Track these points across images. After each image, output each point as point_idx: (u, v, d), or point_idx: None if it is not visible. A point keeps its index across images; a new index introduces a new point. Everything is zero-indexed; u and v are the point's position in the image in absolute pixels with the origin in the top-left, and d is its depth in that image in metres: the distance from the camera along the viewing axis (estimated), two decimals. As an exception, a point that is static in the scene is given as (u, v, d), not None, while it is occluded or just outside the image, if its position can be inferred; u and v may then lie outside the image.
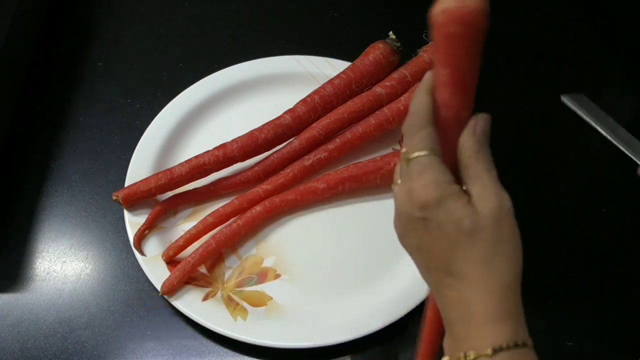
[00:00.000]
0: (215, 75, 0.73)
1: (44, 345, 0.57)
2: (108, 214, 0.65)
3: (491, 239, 0.35)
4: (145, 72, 0.77)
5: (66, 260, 0.63)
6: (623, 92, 0.80)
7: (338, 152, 0.66)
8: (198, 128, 0.70)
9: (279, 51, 0.75)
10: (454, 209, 0.35)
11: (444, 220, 0.35)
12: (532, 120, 0.74)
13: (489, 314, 0.35)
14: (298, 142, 0.66)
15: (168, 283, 0.58)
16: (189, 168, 0.63)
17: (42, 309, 0.60)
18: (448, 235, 0.36)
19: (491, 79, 0.78)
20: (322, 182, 0.64)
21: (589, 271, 0.63)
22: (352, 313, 0.58)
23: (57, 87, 0.75)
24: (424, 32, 0.72)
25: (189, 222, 0.63)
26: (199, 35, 0.80)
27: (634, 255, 0.64)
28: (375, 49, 0.70)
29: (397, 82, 0.68)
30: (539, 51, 0.81)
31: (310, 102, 0.67)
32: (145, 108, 0.72)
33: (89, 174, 0.68)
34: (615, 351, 0.58)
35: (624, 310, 0.61)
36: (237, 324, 0.56)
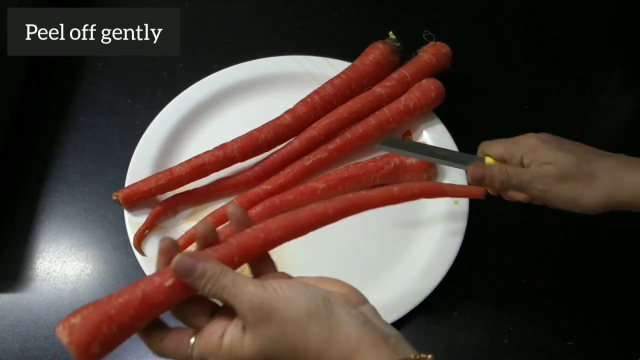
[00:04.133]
0: (215, 75, 0.73)
1: (44, 345, 0.57)
2: (108, 214, 0.65)
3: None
4: (145, 72, 0.77)
5: (66, 260, 0.63)
6: (623, 92, 0.80)
7: (338, 152, 0.66)
8: (198, 128, 0.70)
9: (279, 51, 0.75)
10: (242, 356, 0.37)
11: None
12: (533, 120, 0.74)
13: None
14: (298, 142, 0.66)
15: (168, 283, 0.57)
16: (189, 168, 0.63)
17: (42, 309, 0.60)
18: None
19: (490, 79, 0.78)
20: (322, 182, 0.64)
21: (589, 271, 0.63)
22: (352, 313, 0.58)
23: (57, 87, 0.75)
24: (424, 32, 0.72)
25: (189, 222, 0.63)
26: (199, 35, 0.80)
27: (634, 255, 0.64)
28: (375, 49, 0.70)
29: (397, 82, 0.68)
30: (539, 51, 0.81)
31: (310, 102, 0.67)
32: (145, 108, 0.72)
33: (89, 174, 0.68)
34: (616, 351, 0.58)
35: (624, 310, 0.61)
36: (237, 324, 0.56)
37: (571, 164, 0.48)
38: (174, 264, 0.37)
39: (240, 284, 0.37)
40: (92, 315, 0.36)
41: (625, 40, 0.82)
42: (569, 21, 0.84)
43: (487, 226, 0.64)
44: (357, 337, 0.36)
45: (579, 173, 0.48)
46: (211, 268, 0.37)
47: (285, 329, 0.36)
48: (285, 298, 0.36)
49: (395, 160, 0.64)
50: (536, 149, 0.50)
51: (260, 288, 0.37)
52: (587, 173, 0.48)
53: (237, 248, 0.40)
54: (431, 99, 0.67)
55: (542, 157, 0.50)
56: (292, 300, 0.36)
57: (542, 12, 0.85)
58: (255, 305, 0.36)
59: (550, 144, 0.51)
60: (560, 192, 0.49)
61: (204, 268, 0.37)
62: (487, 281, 0.62)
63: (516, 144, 0.52)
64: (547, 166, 0.49)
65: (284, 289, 0.37)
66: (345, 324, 0.36)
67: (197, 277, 0.37)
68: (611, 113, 0.77)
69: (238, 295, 0.37)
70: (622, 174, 0.48)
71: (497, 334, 0.59)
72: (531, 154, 0.51)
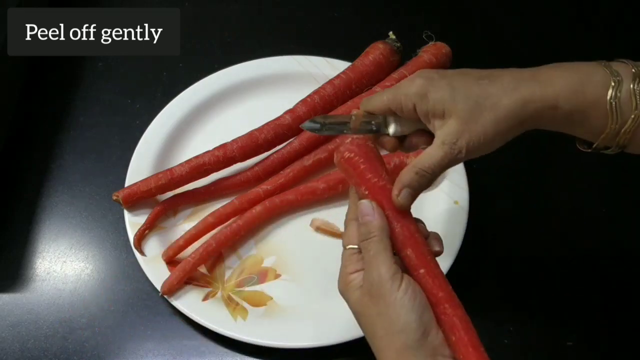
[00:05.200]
0: (215, 75, 0.73)
1: (44, 345, 0.57)
2: (108, 214, 0.65)
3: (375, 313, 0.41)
4: (145, 72, 0.77)
5: (66, 260, 0.63)
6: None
7: (338, 152, 0.66)
8: (198, 128, 0.70)
9: (279, 51, 0.75)
10: (349, 298, 0.43)
11: (348, 302, 0.44)
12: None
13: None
14: (298, 142, 0.66)
15: (168, 283, 0.58)
16: (189, 168, 0.63)
17: (42, 309, 0.60)
18: (355, 314, 0.43)
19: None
20: (322, 182, 0.64)
21: (589, 271, 0.63)
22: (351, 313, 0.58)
23: (57, 87, 0.75)
24: (424, 32, 0.72)
25: (189, 222, 0.63)
26: (199, 35, 0.80)
27: (634, 255, 0.64)
28: (375, 49, 0.70)
29: (397, 82, 0.68)
30: (538, 51, 0.81)
31: (310, 102, 0.67)
32: (145, 108, 0.72)
33: (89, 174, 0.68)
34: (616, 351, 0.58)
35: (624, 310, 0.61)
36: (237, 324, 0.57)
37: (471, 111, 0.42)
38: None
39: (379, 259, 0.41)
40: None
41: (626, 40, 0.82)
42: (569, 21, 0.84)
43: (487, 226, 0.64)
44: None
45: (482, 113, 0.42)
46: (375, 225, 0.42)
47: (379, 318, 0.40)
48: (399, 300, 0.40)
49: (395, 160, 0.64)
50: (426, 94, 0.43)
51: (388, 275, 0.40)
52: (492, 109, 0.42)
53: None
54: (431, 99, 0.67)
55: (437, 106, 0.43)
56: (403, 307, 0.40)
57: (542, 12, 0.85)
58: (373, 282, 0.41)
59: (437, 82, 0.44)
60: (476, 144, 0.43)
61: (370, 223, 0.43)
62: (487, 280, 0.62)
63: (402, 90, 0.45)
64: (449, 127, 0.43)
65: (407, 292, 0.40)
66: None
67: (362, 223, 0.43)
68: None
69: (371, 264, 0.41)
70: (522, 90, 0.42)
71: (497, 334, 0.59)
72: (423, 101, 0.44)
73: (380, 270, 0.41)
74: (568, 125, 0.44)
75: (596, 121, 0.42)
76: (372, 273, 0.41)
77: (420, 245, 0.43)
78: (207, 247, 0.60)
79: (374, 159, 0.45)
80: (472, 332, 0.40)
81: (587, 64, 0.44)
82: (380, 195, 0.44)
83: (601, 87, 0.42)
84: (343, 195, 0.65)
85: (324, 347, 0.55)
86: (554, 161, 0.71)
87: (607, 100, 0.41)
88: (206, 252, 0.60)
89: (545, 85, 0.42)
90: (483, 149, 0.43)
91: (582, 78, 0.42)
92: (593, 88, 0.42)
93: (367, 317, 0.42)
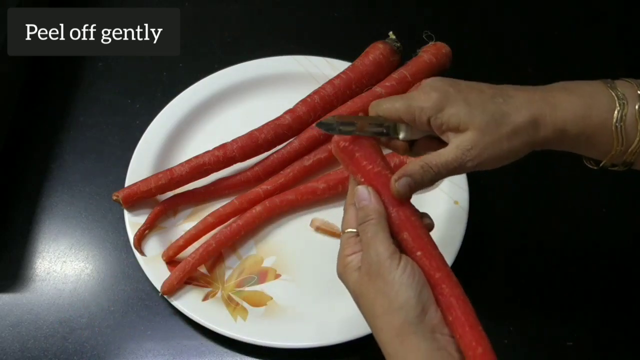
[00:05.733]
0: (215, 75, 0.73)
1: (44, 345, 0.57)
2: (108, 214, 0.65)
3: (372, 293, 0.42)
4: (145, 72, 0.77)
5: (66, 260, 0.63)
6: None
7: (338, 152, 0.66)
8: (198, 128, 0.70)
9: (279, 51, 0.75)
10: (348, 280, 0.44)
11: (347, 284, 0.45)
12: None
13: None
14: (298, 142, 0.66)
15: (168, 283, 0.58)
16: (189, 168, 0.63)
17: (42, 309, 0.60)
18: (354, 295, 0.44)
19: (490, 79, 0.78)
20: (322, 182, 0.64)
21: (589, 271, 0.63)
22: (352, 313, 0.57)
23: (57, 87, 0.75)
24: (424, 32, 0.72)
25: (189, 222, 0.63)
26: (199, 35, 0.80)
27: (634, 255, 0.64)
28: (375, 49, 0.70)
29: (397, 82, 0.68)
30: (538, 51, 0.81)
31: (310, 102, 0.67)
32: (145, 108, 0.72)
33: (89, 174, 0.68)
34: (616, 351, 0.58)
35: (624, 310, 0.61)
36: (237, 324, 0.57)
37: (488, 124, 0.43)
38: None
39: (377, 239, 0.42)
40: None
41: (626, 40, 0.82)
42: (569, 21, 0.84)
43: (487, 226, 0.64)
44: (426, 354, 0.39)
45: (499, 127, 0.43)
46: (372, 209, 0.43)
47: (377, 298, 0.41)
48: (398, 278, 0.40)
49: (395, 160, 0.64)
50: (442, 108, 0.44)
51: (387, 254, 0.41)
52: (508, 126, 0.43)
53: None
54: (431, 99, 0.67)
55: (453, 120, 0.44)
56: (401, 285, 0.40)
57: (542, 12, 0.85)
58: (372, 262, 0.41)
59: (454, 96, 0.44)
60: (489, 155, 0.43)
61: (367, 207, 0.43)
62: (487, 281, 0.62)
63: (417, 103, 0.45)
64: (465, 135, 0.43)
65: (406, 270, 0.41)
66: (423, 338, 0.39)
67: (359, 208, 0.44)
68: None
69: (369, 245, 0.42)
70: (534, 112, 0.44)
71: (497, 334, 0.59)
72: (438, 115, 0.44)
73: (379, 249, 0.41)
74: (575, 147, 0.45)
75: (603, 143, 0.44)
76: (371, 253, 0.42)
77: (416, 228, 0.43)
78: (207, 247, 0.60)
79: (369, 146, 0.46)
80: (470, 311, 0.41)
81: (593, 85, 0.45)
82: (376, 181, 0.45)
83: (607, 110, 0.43)
84: (343, 196, 0.65)
85: (323, 347, 0.55)
86: (554, 161, 0.71)
87: (613, 123, 0.43)
88: (206, 252, 0.60)
89: (554, 108, 0.44)
90: (492, 162, 0.44)
91: (588, 102, 0.44)
92: (599, 112, 0.43)
93: (366, 297, 0.42)
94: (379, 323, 0.41)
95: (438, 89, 0.45)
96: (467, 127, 0.43)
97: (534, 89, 0.46)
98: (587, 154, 0.46)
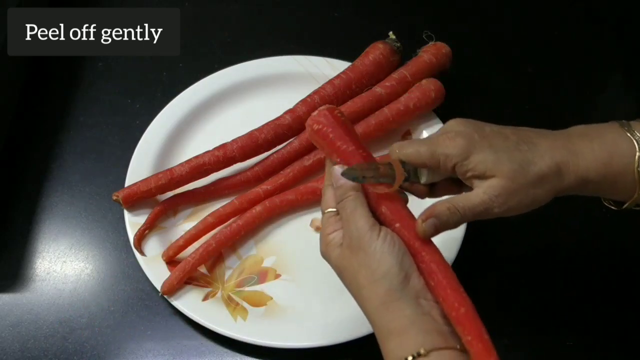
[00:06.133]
0: (215, 75, 0.73)
1: (44, 345, 0.58)
2: (108, 214, 0.65)
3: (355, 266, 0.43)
4: (145, 72, 0.77)
5: (66, 260, 0.63)
6: (623, 92, 0.80)
7: (338, 152, 0.66)
8: (198, 128, 0.70)
9: (279, 51, 0.75)
10: (331, 257, 0.45)
11: (330, 261, 0.46)
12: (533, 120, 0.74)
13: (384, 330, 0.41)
14: (298, 142, 0.66)
15: (168, 283, 0.58)
16: (189, 168, 0.63)
17: (42, 309, 0.60)
18: (338, 271, 0.45)
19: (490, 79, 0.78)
20: (322, 182, 0.64)
21: (589, 271, 0.63)
22: (352, 313, 0.58)
23: (57, 87, 0.75)
24: (424, 32, 0.72)
25: (189, 222, 0.63)
26: (199, 35, 0.80)
27: (634, 255, 0.64)
28: (375, 49, 0.70)
29: (397, 82, 0.68)
30: (538, 51, 0.81)
31: (310, 102, 0.67)
32: (145, 108, 0.72)
33: (89, 174, 0.68)
34: (615, 351, 0.58)
35: (624, 310, 0.61)
36: (237, 324, 0.57)
37: (516, 173, 0.44)
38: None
39: (356, 214, 0.43)
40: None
41: (626, 40, 0.82)
42: (569, 21, 0.84)
43: (487, 226, 0.64)
44: (411, 318, 0.40)
45: (525, 175, 0.44)
46: (349, 186, 0.44)
47: (361, 269, 0.42)
48: (379, 248, 0.42)
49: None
50: (468, 155, 0.44)
51: (367, 227, 0.42)
52: (534, 174, 0.44)
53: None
54: (431, 99, 0.67)
55: (480, 167, 0.44)
56: (383, 254, 0.41)
57: (542, 12, 0.85)
58: (353, 236, 0.43)
59: (479, 143, 0.45)
60: (515, 203, 0.44)
61: (344, 185, 0.45)
62: (487, 281, 0.62)
63: (442, 150, 0.45)
64: (493, 182, 0.44)
65: (386, 240, 0.42)
66: (408, 304, 0.41)
67: (337, 187, 0.45)
68: (611, 113, 0.77)
69: (349, 220, 0.43)
70: (558, 160, 0.44)
71: (498, 333, 0.58)
72: (464, 162, 0.44)
73: (359, 223, 0.43)
74: (597, 192, 0.47)
75: (625, 187, 0.45)
76: (351, 228, 0.43)
77: (394, 202, 0.45)
78: (207, 247, 0.60)
79: (342, 126, 0.47)
80: (451, 275, 0.42)
81: (612, 131, 0.46)
82: (352, 160, 0.46)
83: (628, 156, 0.44)
84: (343, 195, 0.65)
85: (323, 347, 0.55)
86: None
87: (635, 168, 0.44)
88: (206, 252, 0.60)
89: (576, 156, 0.45)
90: (518, 209, 0.45)
91: (609, 149, 0.45)
92: (620, 158, 0.45)
93: (350, 271, 0.43)
94: (364, 293, 0.42)
95: (463, 134, 0.45)
96: (494, 175, 0.44)
97: (554, 135, 0.47)
98: (609, 197, 0.48)
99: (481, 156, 0.44)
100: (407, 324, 0.40)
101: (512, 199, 0.44)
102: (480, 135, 0.45)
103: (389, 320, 0.41)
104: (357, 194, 0.44)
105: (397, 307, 0.41)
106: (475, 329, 0.40)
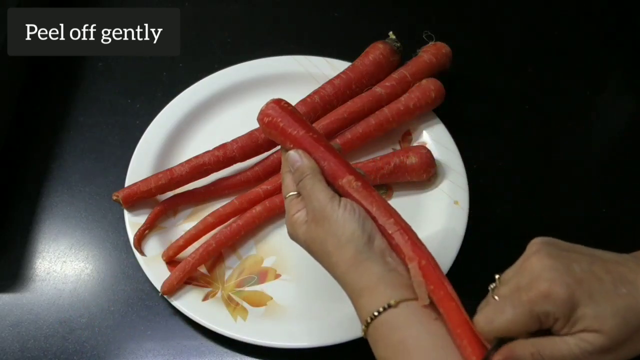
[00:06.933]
0: (215, 75, 0.73)
1: (44, 345, 0.58)
2: (108, 214, 0.65)
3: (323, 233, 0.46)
4: (145, 72, 0.77)
5: (66, 260, 0.63)
6: (623, 92, 0.80)
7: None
8: (198, 128, 0.70)
9: (279, 51, 0.75)
10: (298, 235, 0.48)
11: (298, 239, 0.48)
12: (533, 120, 0.74)
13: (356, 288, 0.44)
14: (298, 142, 0.66)
15: (168, 283, 0.58)
16: (189, 168, 0.63)
17: (42, 309, 0.60)
18: (306, 246, 0.48)
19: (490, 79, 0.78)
20: (322, 182, 0.64)
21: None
22: (352, 313, 0.58)
23: (57, 87, 0.75)
24: (424, 32, 0.72)
25: (189, 222, 0.63)
26: (199, 35, 0.80)
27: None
28: (375, 49, 0.70)
29: (397, 82, 0.68)
30: (538, 51, 0.81)
31: (310, 102, 0.67)
32: (145, 108, 0.72)
33: (89, 174, 0.68)
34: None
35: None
36: (237, 324, 0.57)
37: (620, 329, 0.37)
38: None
39: (315, 189, 0.46)
40: None
41: (626, 40, 0.82)
42: (568, 21, 0.84)
43: (487, 226, 0.64)
44: (379, 275, 0.43)
45: (629, 332, 0.38)
46: (305, 166, 0.47)
47: (327, 238, 0.45)
48: (341, 215, 0.44)
49: (395, 160, 0.64)
50: (572, 312, 0.38)
51: (327, 198, 0.45)
52: (637, 327, 0.38)
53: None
54: (431, 99, 0.67)
55: (581, 323, 0.38)
56: (345, 220, 0.44)
57: (542, 12, 0.85)
58: (315, 209, 0.45)
59: (578, 291, 0.38)
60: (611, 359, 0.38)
61: (301, 166, 0.47)
62: (487, 281, 0.62)
63: (539, 306, 0.38)
64: (590, 337, 0.38)
65: (347, 207, 0.45)
66: (375, 262, 0.43)
67: (294, 171, 0.48)
68: (611, 113, 0.77)
69: (310, 197, 0.46)
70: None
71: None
72: (568, 321, 0.38)
73: (319, 197, 0.45)
74: None
75: None
76: (313, 203, 0.46)
77: (349, 174, 0.47)
78: (207, 247, 0.60)
79: (290, 115, 0.50)
80: (410, 232, 0.45)
81: None
82: (303, 143, 0.48)
83: None
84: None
85: (323, 347, 0.55)
86: (554, 161, 0.71)
87: None
88: (206, 252, 0.60)
89: None
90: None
91: None
92: None
93: (317, 242, 0.46)
94: (333, 259, 0.45)
95: (559, 283, 0.38)
96: (596, 331, 0.38)
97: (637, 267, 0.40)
98: None
99: (584, 311, 0.38)
100: (376, 280, 0.43)
101: (607, 357, 0.38)
102: (574, 279, 0.39)
103: (358, 280, 0.44)
104: (314, 172, 0.47)
105: (365, 266, 0.43)
106: (437, 279, 0.43)
